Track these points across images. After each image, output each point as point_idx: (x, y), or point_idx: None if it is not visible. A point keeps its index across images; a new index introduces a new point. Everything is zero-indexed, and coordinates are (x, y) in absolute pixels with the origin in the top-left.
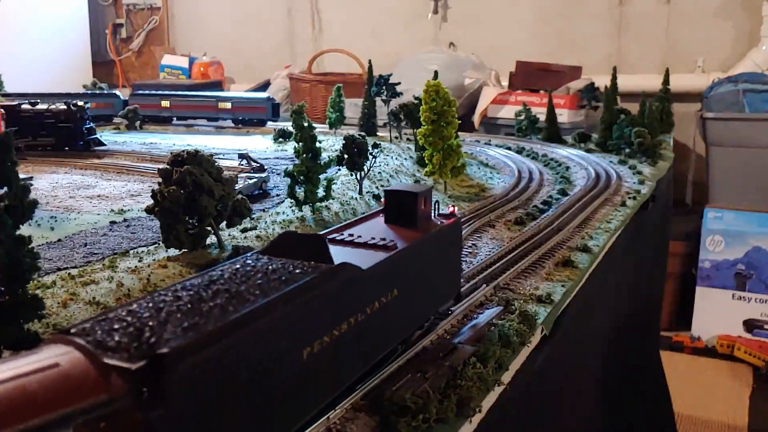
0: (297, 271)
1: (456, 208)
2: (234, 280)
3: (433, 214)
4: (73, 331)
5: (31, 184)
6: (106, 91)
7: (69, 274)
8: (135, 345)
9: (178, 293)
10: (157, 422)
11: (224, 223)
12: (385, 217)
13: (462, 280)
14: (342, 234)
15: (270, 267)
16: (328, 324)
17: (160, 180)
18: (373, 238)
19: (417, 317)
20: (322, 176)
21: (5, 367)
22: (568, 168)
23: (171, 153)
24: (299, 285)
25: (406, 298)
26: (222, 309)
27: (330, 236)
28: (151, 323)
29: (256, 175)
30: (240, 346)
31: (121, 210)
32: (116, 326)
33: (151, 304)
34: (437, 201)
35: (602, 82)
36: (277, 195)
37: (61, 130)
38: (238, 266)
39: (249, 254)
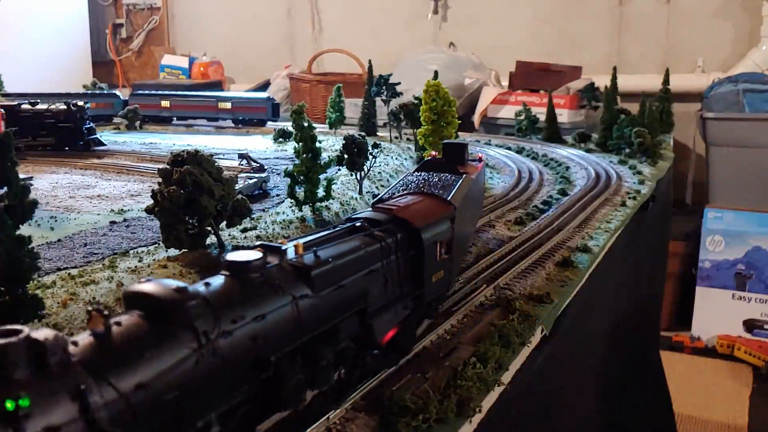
0: (450, 177)
1: (483, 155)
2: (430, 180)
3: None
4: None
5: (31, 184)
6: (106, 91)
7: (69, 274)
8: (438, 198)
9: (415, 182)
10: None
11: (224, 223)
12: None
13: (462, 281)
14: None
15: (434, 175)
16: (470, 206)
17: (160, 180)
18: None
19: (476, 223)
20: (322, 176)
21: (408, 199)
22: (568, 168)
23: (171, 153)
24: (462, 181)
25: (477, 207)
26: (444, 188)
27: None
28: (432, 190)
29: (256, 175)
30: (462, 203)
31: (121, 210)
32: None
33: (414, 186)
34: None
35: (602, 82)
36: (277, 195)
37: (61, 130)
38: (420, 174)
39: (410, 173)
